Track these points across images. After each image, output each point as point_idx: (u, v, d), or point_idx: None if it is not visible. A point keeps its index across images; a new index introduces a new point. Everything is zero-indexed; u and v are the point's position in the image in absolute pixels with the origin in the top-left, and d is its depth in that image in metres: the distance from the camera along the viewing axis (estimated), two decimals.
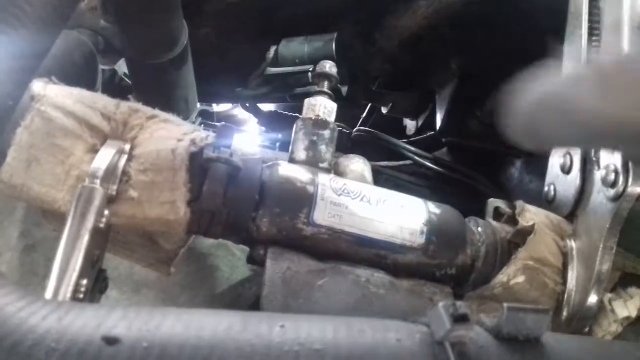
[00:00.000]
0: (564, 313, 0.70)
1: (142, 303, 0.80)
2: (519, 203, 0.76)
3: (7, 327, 0.39)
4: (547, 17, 0.97)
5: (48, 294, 0.51)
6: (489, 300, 0.70)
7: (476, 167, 1.26)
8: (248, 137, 1.91)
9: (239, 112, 2.00)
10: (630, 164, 0.64)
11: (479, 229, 0.74)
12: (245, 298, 0.79)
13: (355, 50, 1.20)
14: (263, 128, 1.73)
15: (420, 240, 0.68)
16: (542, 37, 0.99)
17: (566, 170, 0.77)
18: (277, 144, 1.67)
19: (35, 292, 0.45)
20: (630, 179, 0.64)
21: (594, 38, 0.76)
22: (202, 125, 1.30)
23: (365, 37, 1.19)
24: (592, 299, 0.68)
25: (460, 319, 0.45)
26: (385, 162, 1.27)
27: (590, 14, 0.76)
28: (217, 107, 1.81)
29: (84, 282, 0.53)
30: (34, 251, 0.83)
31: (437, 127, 1.32)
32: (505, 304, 0.47)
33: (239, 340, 0.42)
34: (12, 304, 0.41)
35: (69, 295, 0.51)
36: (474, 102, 1.27)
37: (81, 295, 0.52)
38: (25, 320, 0.40)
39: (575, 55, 0.78)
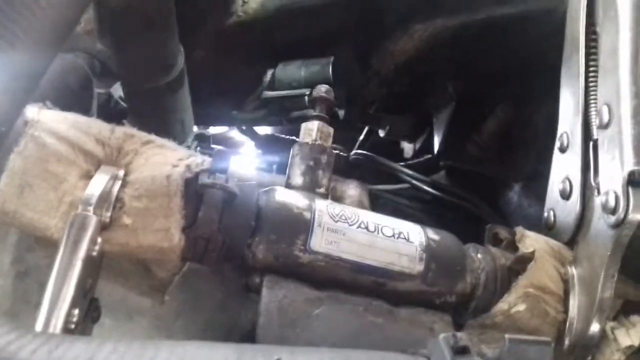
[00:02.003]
0: (566, 342, 0.68)
1: (135, 331, 0.78)
2: (519, 229, 0.75)
3: None
4: (545, 41, 0.97)
5: (39, 324, 0.49)
6: (490, 329, 0.69)
7: (474, 191, 1.25)
8: (245, 160, 1.90)
9: (235, 134, 2.00)
10: (630, 190, 0.64)
11: (479, 255, 0.73)
12: (241, 326, 0.77)
13: (352, 74, 1.20)
14: (260, 151, 1.72)
15: (419, 267, 0.67)
16: (539, 61, 1.00)
17: (566, 195, 0.76)
18: (274, 166, 1.67)
19: (26, 323, 0.44)
20: (631, 206, 0.63)
21: (591, 63, 0.76)
22: (199, 148, 1.29)
23: (362, 61, 1.20)
24: (595, 327, 0.67)
25: (460, 351, 0.44)
26: (383, 186, 1.27)
27: (587, 40, 0.76)
28: (213, 130, 1.81)
29: (76, 312, 0.52)
30: (27, 277, 0.81)
31: (435, 151, 1.32)
32: (506, 336, 0.46)
33: None
34: (1, 337, 0.40)
35: (60, 326, 0.50)
36: (471, 125, 1.27)
37: (72, 326, 0.51)
38: (15, 354, 0.39)
39: (573, 80, 0.78)
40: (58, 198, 0.58)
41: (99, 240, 0.55)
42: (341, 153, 1.36)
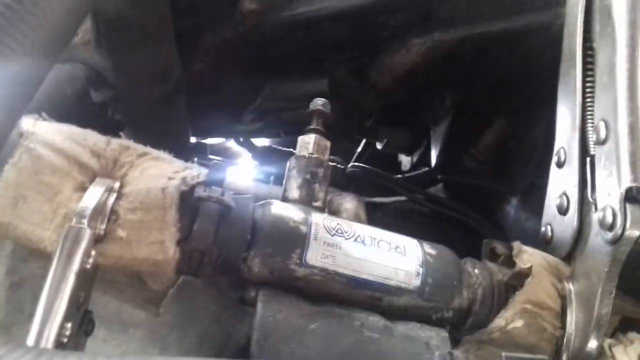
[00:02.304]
0: (564, 358, 0.68)
1: (129, 343, 0.77)
2: (516, 244, 0.75)
3: None
4: (542, 55, 0.98)
5: (31, 338, 0.49)
6: (487, 344, 0.68)
7: (472, 204, 1.25)
8: (242, 171, 1.90)
9: (232, 144, 2.00)
10: (627, 207, 0.63)
11: (476, 270, 0.73)
12: (236, 339, 0.77)
13: (349, 87, 1.20)
14: (257, 162, 1.72)
15: (415, 282, 0.67)
16: (537, 75, 1.00)
17: (563, 211, 0.76)
18: (271, 177, 1.66)
19: (20, 333, 0.44)
20: (628, 222, 0.63)
21: (588, 79, 0.76)
22: (196, 159, 1.29)
23: (359, 74, 1.20)
24: (592, 344, 0.66)
25: None
26: (380, 199, 1.27)
27: (584, 55, 0.76)
28: (210, 140, 1.81)
29: (69, 325, 0.51)
30: (20, 288, 0.81)
31: (432, 163, 1.32)
32: (503, 354, 0.46)
33: None
34: None
35: (52, 339, 0.49)
36: (469, 138, 1.27)
37: (65, 339, 0.50)
38: None
39: (570, 95, 0.78)
40: (52, 210, 0.57)
41: (93, 253, 0.55)
42: (338, 165, 1.36)
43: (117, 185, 0.60)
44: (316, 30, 1.13)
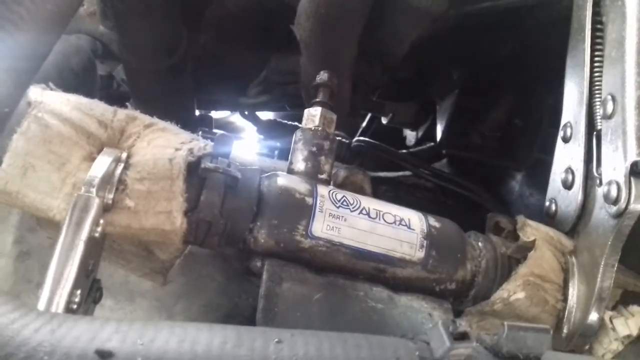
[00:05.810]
0: (565, 330, 0.69)
1: (136, 312, 0.79)
2: (520, 218, 0.75)
3: (0, 339, 0.38)
4: (550, 30, 0.97)
5: (41, 304, 0.50)
6: (489, 316, 0.69)
7: (476, 179, 1.25)
8: (246, 145, 1.90)
9: (237, 119, 2.00)
10: (632, 181, 0.64)
11: (480, 243, 0.73)
12: (241, 309, 0.78)
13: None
14: (261, 136, 1.72)
15: (419, 254, 0.67)
16: (545, 51, 0.99)
17: (568, 185, 0.76)
18: (276, 152, 1.67)
19: (28, 301, 0.44)
20: (632, 196, 0.63)
21: (596, 53, 0.75)
22: (201, 133, 1.29)
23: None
24: (593, 316, 0.67)
25: (460, 337, 0.44)
26: (385, 173, 1.27)
27: (593, 29, 0.76)
28: (215, 114, 1.80)
29: (78, 292, 0.52)
30: (28, 258, 0.82)
31: (438, 139, 1.31)
32: (505, 323, 0.46)
33: (234, 356, 0.41)
34: (5, 316, 0.40)
35: (62, 305, 0.50)
36: (475, 114, 1.27)
37: (75, 306, 0.51)
38: (18, 332, 0.39)
39: (578, 70, 0.78)
40: (61, 179, 0.58)
41: (101, 221, 0.55)
42: (343, 140, 1.36)
43: (124, 155, 0.60)
44: None
